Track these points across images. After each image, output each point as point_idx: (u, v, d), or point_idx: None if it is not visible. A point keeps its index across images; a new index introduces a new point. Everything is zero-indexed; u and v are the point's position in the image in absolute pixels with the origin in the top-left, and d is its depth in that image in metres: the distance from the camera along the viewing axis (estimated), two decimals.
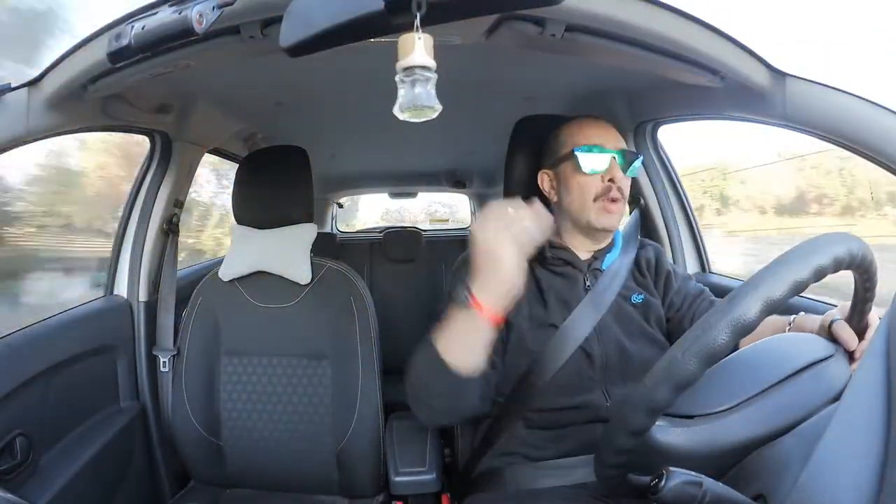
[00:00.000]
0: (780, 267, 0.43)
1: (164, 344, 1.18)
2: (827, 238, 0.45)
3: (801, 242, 0.46)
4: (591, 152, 0.82)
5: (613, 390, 0.80)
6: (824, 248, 0.44)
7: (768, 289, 0.42)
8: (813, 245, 0.45)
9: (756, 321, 0.42)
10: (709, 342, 0.42)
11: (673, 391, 0.42)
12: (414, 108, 0.46)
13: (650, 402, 0.43)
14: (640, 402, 0.44)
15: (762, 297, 0.42)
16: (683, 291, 0.90)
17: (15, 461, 0.83)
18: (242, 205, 1.11)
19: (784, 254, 0.45)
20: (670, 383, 0.42)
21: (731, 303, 0.42)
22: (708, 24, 0.68)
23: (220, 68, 0.93)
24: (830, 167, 2.06)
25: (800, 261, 0.43)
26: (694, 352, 0.42)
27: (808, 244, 0.45)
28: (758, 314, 0.41)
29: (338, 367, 1.05)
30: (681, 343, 0.43)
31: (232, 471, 1.07)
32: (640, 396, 0.44)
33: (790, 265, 0.43)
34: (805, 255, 0.44)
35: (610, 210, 0.83)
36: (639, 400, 0.44)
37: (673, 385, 0.42)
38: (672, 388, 0.42)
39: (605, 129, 0.85)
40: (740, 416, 0.48)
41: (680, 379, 0.42)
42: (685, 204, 1.30)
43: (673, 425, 0.48)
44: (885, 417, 0.38)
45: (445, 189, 2.85)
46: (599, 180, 0.82)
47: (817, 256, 0.44)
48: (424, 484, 0.93)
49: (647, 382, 0.44)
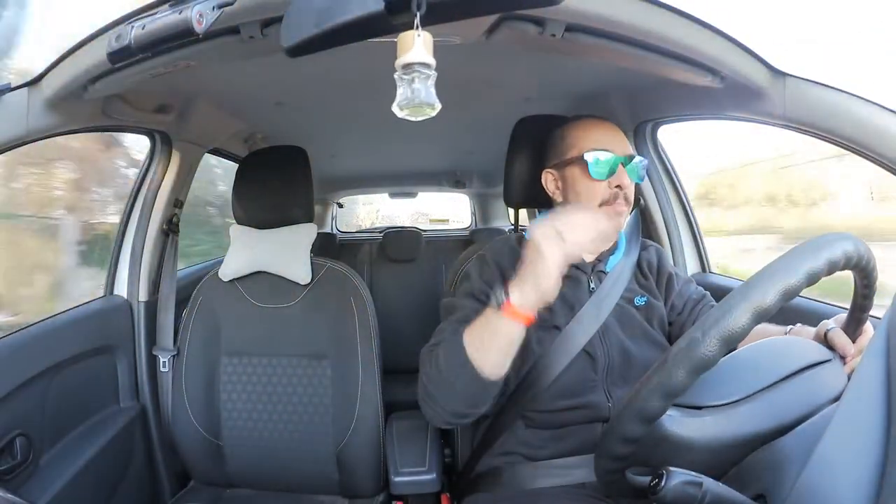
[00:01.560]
0: (793, 259, 0.44)
1: (164, 344, 1.18)
2: (834, 237, 0.46)
3: (802, 242, 0.46)
4: (600, 157, 0.81)
5: (615, 392, 0.80)
6: (820, 251, 0.44)
7: (783, 278, 0.42)
8: (822, 243, 0.45)
9: (773, 309, 0.42)
10: (698, 351, 0.42)
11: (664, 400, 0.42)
12: (413, 105, 0.46)
13: (664, 388, 0.43)
14: (633, 411, 0.44)
15: (779, 288, 0.42)
16: (685, 295, 0.90)
17: (15, 461, 0.83)
18: (242, 205, 1.11)
19: (791, 249, 0.45)
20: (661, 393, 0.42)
21: (749, 288, 0.43)
22: (708, 24, 0.67)
23: (220, 68, 0.93)
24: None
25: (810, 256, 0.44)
26: (713, 336, 0.42)
27: (807, 245, 0.45)
28: (774, 302, 0.42)
29: (338, 367, 1.05)
30: (672, 349, 0.44)
31: (232, 471, 1.07)
32: (633, 404, 0.44)
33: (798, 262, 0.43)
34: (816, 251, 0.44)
35: (617, 213, 0.82)
36: (632, 408, 0.44)
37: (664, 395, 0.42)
38: (687, 373, 0.42)
39: (613, 132, 0.85)
40: (748, 409, 0.48)
41: (695, 364, 0.42)
42: (685, 204, 1.30)
43: (682, 415, 0.48)
44: (885, 417, 0.38)
45: (445, 189, 2.85)
46: (607, 185, 0.82)
47: (812, 260, 0.44)
48: (424, 484, 0.93)
49: (639, 390, 0.44)
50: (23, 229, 1.60)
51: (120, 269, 1.20)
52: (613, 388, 0.80)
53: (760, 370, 0.50)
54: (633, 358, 0.81)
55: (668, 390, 0.42)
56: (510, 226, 1.31)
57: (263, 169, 1.12)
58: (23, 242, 1.61)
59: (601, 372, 0.80)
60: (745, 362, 0.52)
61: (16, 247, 1.58)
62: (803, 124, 0.76)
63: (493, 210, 2.87)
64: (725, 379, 0.50)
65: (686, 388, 0.42)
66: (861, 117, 0.69)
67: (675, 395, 0.42)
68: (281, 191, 1.10)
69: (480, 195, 2.89)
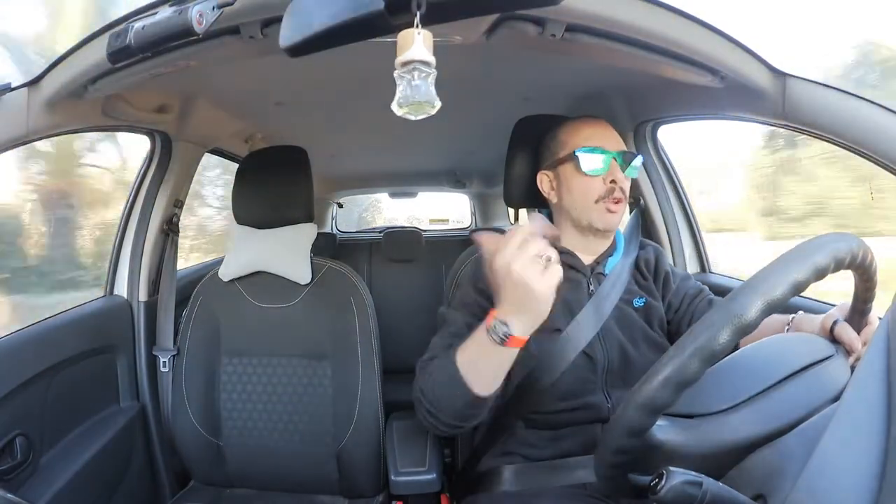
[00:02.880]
0: (780, 266, 0.43)
1: (164, 344, 1.18)
2: (827, 238, 0.46)
3: (802, 242, 0.46)
4: (592, 153, 0.81)
5: (615, 393, 0.80)
6: (825, 248, 0.44)
7: (769, 288, 0.42)
8: (813, 245, 0.45)
9: (756, 321, 0.41)
10: (709, 342, 0.42)
11: (673, 391, 0.42)
12: (412, 103, 0.46)
13: (650, 402, 0.43)
14: (640, 402, 0.44)
15: (762, 297, 0.42)
16: (682, 291, 0.90)
17: (15, 461, 0.83)
18: (242, 205, 1.11)
19: (785, 253, 0.45)
20: (670, 383, 0.42)
21: (732, 301, 0.42)
22: (708, 24, 0.67)
23: (220, 68, 0.93)
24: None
25: (800, 261, 0.43)
26: (694, 352, 0.42)
27: (808, 244, 0.45)
28: (758, 314, 0.41)
29: (338, 367, 1.05)
30: (681, 343, 0.43)
31: (232, 471, 1.07)
32: (640, 396, 0.44)
33: (790, 264, 0.43)
34: (805, 254, 0.44)
35: (612, 211, 0.82)
36: (638, 400, 0.44)
37: (673, 385, 0.42)
38: (672, 389, 0.42)
39: (605, 129, 0.85)
40: (740, 416, 0.48)
41: (680, 379, 0.42)
42: (685, 204, 1.30)
43: (673, 425, 0.48)
44: (885, 417, 0.38)
45: (445, 189, 2.86)
46: (601, 182, 0.82)
47: (818, 256, 0.44)
48: (424, 484, 0.93)
49: (647, 383, 0.44)
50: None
51: (120, 269, 1.20)
52: (613, 389, 0.80)
53: (761, 372, 0.50)
54: (633, 359, 0.81)
55: (678, 380, 0.42)
56: (510, 226, 1.31)
57: (263, 169, 1.12)
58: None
59: (600, 373, 0.80)
60: (745, 365, 0.52)
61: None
62: (803, 124, 0.76)
63: (493, 210, 2.87)
64: (725, 383, 0.50)
65: (697, 379, 0.42)
66: (861, 117, 0.69)
67: (685, 387, 0.42)
68: (281, 191, 1.10)
69: (480, 195, 2.89)
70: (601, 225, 0.83)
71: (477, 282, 0.84)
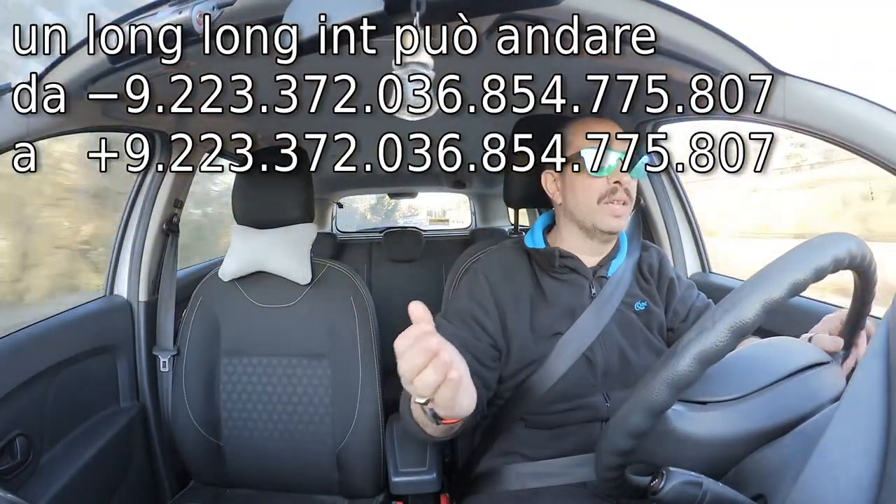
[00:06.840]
0: (780, 267, 0.43)
1: (164, 344, 1.18)
2: (827, 238, 0.45)
3: (802, 242, 0.46)
4: (597, 153, 0.80)
5: (614, 394, 0.79)
6: (824, 248, 0.44)
7: (769, 288, 0.42)
8: (813, 245, 0.45)
9: (756, 321, 0.41)
10: (709, 343, 0.41)
11: (672, 393, 0.42)
12: (411, 104, 0.46)
13: (649, 404, 0.43)
14: (640, 405, 0.44)
15: (762, 297, 0.42)
16: (689, 301, 0.88)
17: (15, 461, 0.83)
18: (242, 205, 1.11)
19: (784, 253, 0.45)
20: (670, 385, 0.42)
21: (731, 302, 0.42)
22: (708, 24, 0.67)
23: (220, 68, 0.93)
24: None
25: (800, 261, 0.43)
26: (694, 353, 0.42)
27: (808, 244, 0.45)
28: (758, 314, 0.41)
29: (338, 367, 1.05)
30: (680, 344, 0.43)
31: (232, 471, 1.07)
32: (640, 398, 0.44)
33: (790, 265, 0.43)
34: (805, 255, 0.44)
35: (616, 213, 0.81)
36: (639, 402, 0.44)
37: (672, 386, 0.42)
38: (671, 390, 0.42)
39: (610, 128, 0.84)
40: (752, 405, 0.48)
41: (679, 380, 0.42)
42: (685, 204, 1.30)
43: (688, 410, 0.47)
44: (885, 417, 0.38)
45: (445, 189, 2.85)
46: (605, 182, 0.81)
47: (817, 256, 0.44)
48: (424, 484, 0.93)
49: (647, 384, 0.44)
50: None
51: (120, 270, 1.20)
52: (612, 391, 0.80)
53: (764, 367, 0.50)
54: (632, 364, 0.80)
55: (678, 382, 0.42)
56: (510, 226, 1.31)
57: (263, 169, 1.12)
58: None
59: (600, 376, 0.80)
60: (749, 360, 0.52)
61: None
62: (803, 124, 0.76)
63: (494, 210, 2.87)
64: (730, 375, 0.50)
65: (695, 380, 0.42)
66: (861, 117, 0.69)
67: (684, 388, 0.42)
68: (281, 191, 1.10)
69: (480, 195, 2.89)
70: (605, 227, 0.82)
71: (472, 290, 0.84)
